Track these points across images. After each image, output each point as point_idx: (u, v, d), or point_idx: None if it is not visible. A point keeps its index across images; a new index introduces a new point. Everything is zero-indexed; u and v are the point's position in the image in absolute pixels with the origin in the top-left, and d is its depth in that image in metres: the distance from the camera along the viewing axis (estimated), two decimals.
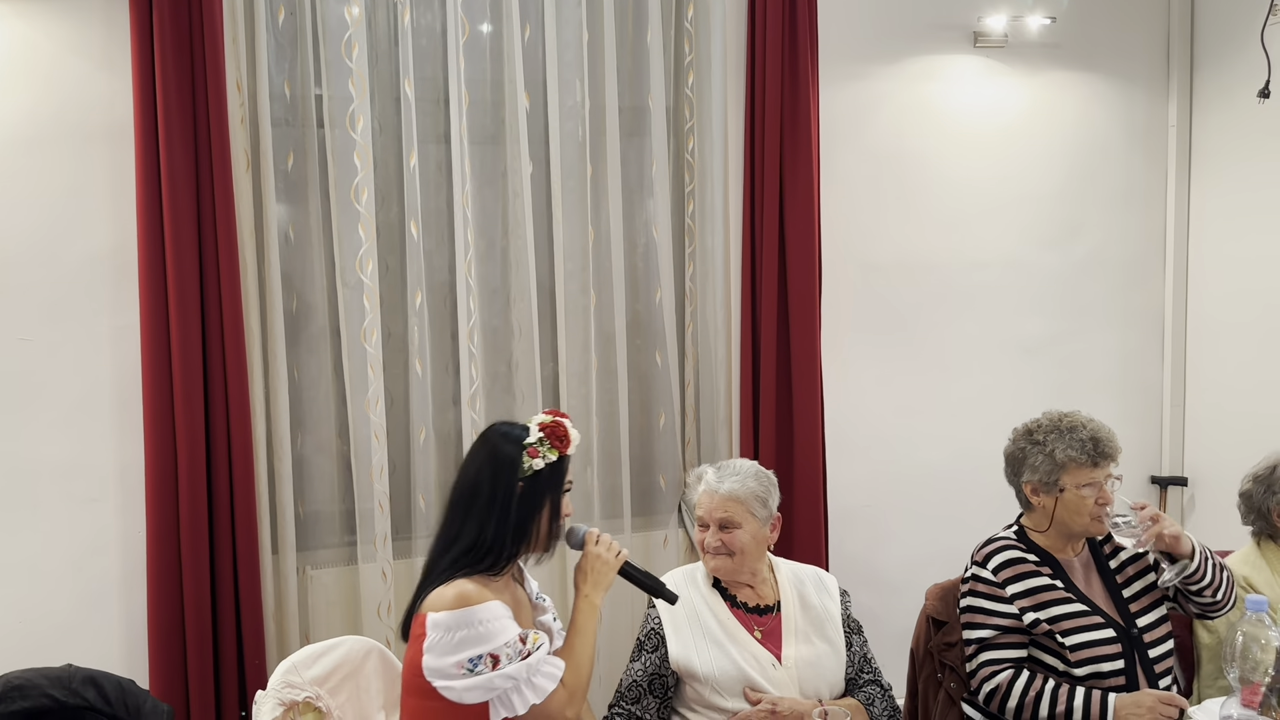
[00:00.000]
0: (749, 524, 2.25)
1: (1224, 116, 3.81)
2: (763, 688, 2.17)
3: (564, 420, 2.01)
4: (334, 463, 3.03)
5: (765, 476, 2.33)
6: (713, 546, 2.25)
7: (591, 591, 2.03)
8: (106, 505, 2.80)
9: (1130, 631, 2.28)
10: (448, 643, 1.83)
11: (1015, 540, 2.40)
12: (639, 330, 3.32)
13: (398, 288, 3.04)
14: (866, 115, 3.59)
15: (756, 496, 2.27)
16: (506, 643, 1.84)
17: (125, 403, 2.79)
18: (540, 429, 1.98)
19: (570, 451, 2.01)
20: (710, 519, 2.26)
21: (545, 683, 1.88)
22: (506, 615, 1.88)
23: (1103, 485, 2.28)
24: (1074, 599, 2.30)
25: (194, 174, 2.69)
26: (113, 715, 1.97)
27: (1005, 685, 2.24)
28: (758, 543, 2.28)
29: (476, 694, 1.83)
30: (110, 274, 2.77)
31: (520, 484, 1.95)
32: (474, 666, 1.82)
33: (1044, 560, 2.35)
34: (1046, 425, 2.36)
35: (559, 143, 3.11)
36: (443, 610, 1.85)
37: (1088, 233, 3.90)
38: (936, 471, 3.74)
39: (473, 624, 1.83)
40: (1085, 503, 2.28)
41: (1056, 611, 2.28)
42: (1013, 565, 2.34)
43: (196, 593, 2.70)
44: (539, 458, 1.96)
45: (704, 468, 2.36)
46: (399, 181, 3.00)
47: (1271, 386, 3.68)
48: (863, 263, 3.61)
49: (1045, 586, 2.31)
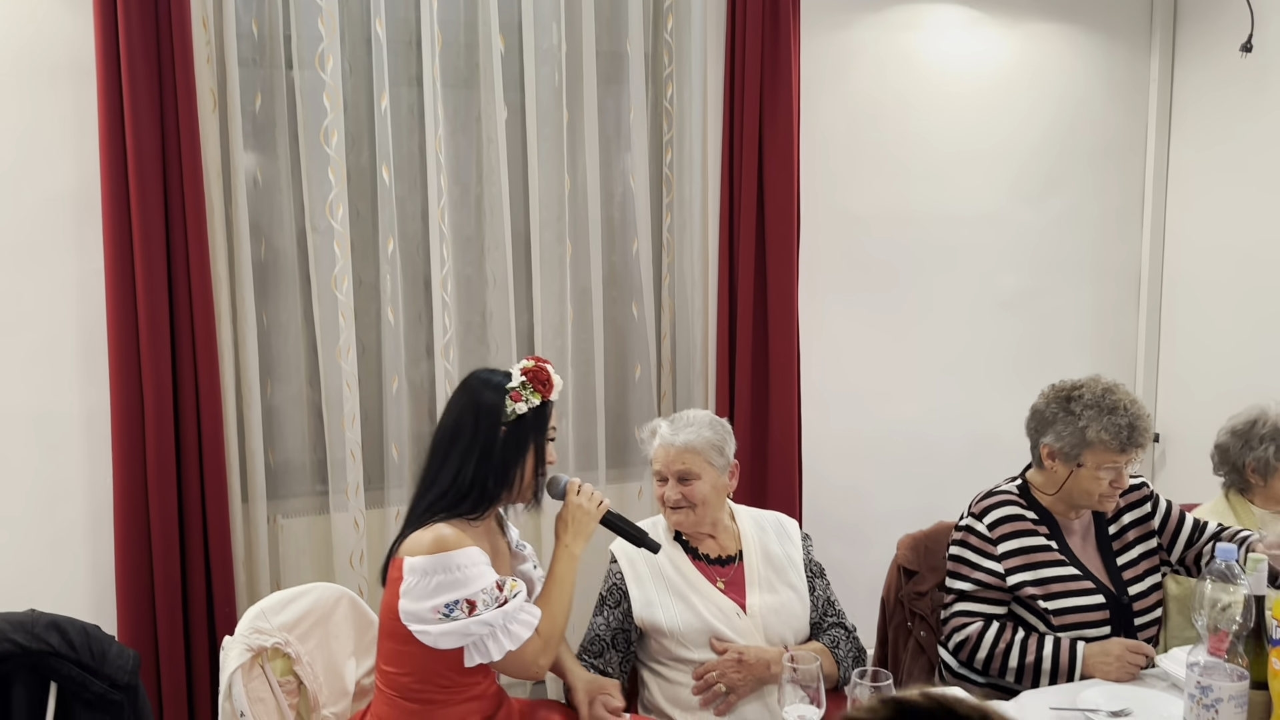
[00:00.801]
0: (708, 474, 2.23)
1: (1206, 70, 3.79)
2: (728, 638, 2.17)
3: (547, 365, 2.00)
4: (305, 411, 2.99)
5: (720, 425, 2.29)
6: (673, 500, 2.23)
7: (572, 541, 2.01)
8: (72, 451, 2.76)
9: (1120, 599, 2.25)
10: (424, 587, 1.82)
11: (1017, 496, 2.34)
12: (615, 281, 3.29)
13: (369, 234, 2.99)
14: (847, 64, 3.55)
15: (713, 445, 2.24)
16: (483, 589, 1.83)
17: (90, 348, 2.74)
18: (523, 373, 1.97)
19: (553, 397, 1.99)
20: (668, 472, 2.23)
21: (521, 630, 1.87)
22: (484, 561, 1.87)
23: (1122, 470, 2.19)
24: (1066, 562, 2.26)
25: (159, 114, 2.62)
26: (77, 660, 1.95)
27: (975, 637, 2.24)
28: (718, 492, 2.26)
29: (451, 639, 1.82)
30: (73, 216, 2.71)
31: (503, 428, 1.94)
32: (450, 612, 1.81)
33: (1042, 519, 2.31)
34: (1088, 398, 2.21)
35: (535, 88, 3.05)
36: (420, 554, 1.84)
37: (1066, 187, 3.89)
38: (910, 425, 3.75)
39: (450, 569, 1.82)
40: (1100, 484, 2.20)
41: (1047, 574, 2.24)
42: (1009, 523, 2.29)
43: (165, 540, 2.68)
44: (522, 401, 1.94)
45: (657, 421, 2.31)
46: (370, 125, 2.94)
47: (1245, 343, 3.70)
48: (840, 215, 3.58)
49: (1039, 548, 2.27)
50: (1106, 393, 2.21)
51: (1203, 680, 1.68)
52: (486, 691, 1.96)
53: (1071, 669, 2.14)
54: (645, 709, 2.26)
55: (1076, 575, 2.25)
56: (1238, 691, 1.67)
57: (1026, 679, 2.17)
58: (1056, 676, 2.14)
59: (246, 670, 2.00)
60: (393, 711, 1.92)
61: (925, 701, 0.81)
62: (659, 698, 2.22)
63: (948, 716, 0.80)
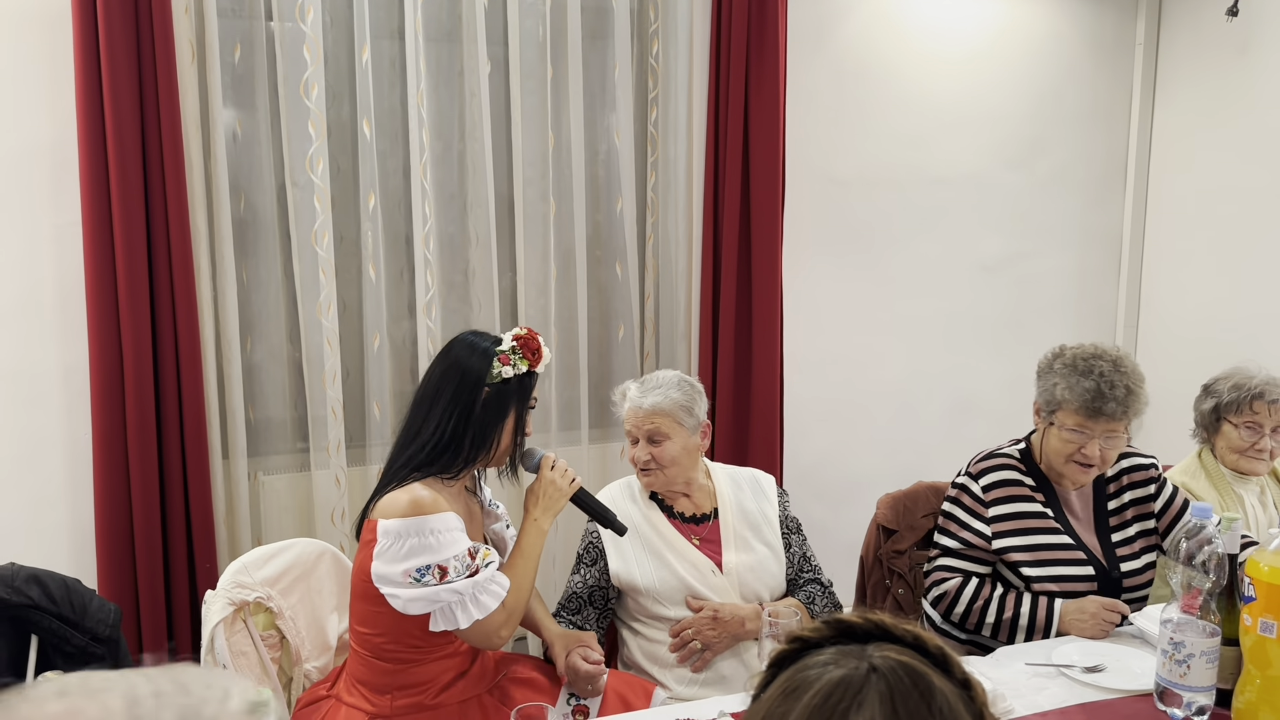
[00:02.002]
0: (678, 434, 2.23)
1: (1192, 35, 3.79)
2: (704, 595, 2.19)
3: (538, 336, 2.00)
4: (285, 368, 2.98)
5: (689, 385, 2.29)
6: (642, 461, 2.24)
7: (541, 516, 2.01)
8: (50, 406, 2.74)
9: (1111, 574, 2.24)
10: (397, 550, 1.82)
11: (1018, 460, 2.33)
12: (599, 241, 3.28)
13: (350, 190, 2.96)
14: (834, 24, 3.52)
15: (682, 406, 2.24)
16: (456, 555, 1.83)
17: (68, 303, 2.71)
18: (515, 339, 1.97)
19: (540, 369, 1.99)
20: (638, 433, 2.24)
21: (489, 600, 1.87)
22: (459, 527, 1.87)
23: (1092, 440, 2.16)
24: (1060, 530, 2.26)
25: (136, 65, 2.57)
26: (58, 614, 1.94)
27: (954, 591, 2.27)
28: (689, 452, 2.26)
29: (420, 605, 1.82)
30: (49, 168, 2.66)
31: (487, 389, 1.93)
32: (421, 577, 1.81)
33: (1040, 487, 2.30)
34: (1069, 358, 2.22)
35: (518, 42, 3.01)
36: (395, 517, 1.83)
37: (1050, 151, 3.89)
38: (891, 387, 3.78)
39: (423, 533, 1.82)
40: (1067, 445, 2.20)
41: (1038, 540, 2.24)
42: (1004, 487, 2.29)
43: (145, 495, 2.67)
44: (509, 365, 1.94)
45: (628, 384, 2.31)
46: (350, 78, 2.90)
47: (1224, 308, 3.73)
48: (825, 176, 3.58)
49: (1033, 514, 2.27)
50: (1092, 358, 2.18)
51: (1175, 636, 1.71)
52: (460, 648, 1.97)
53: (1048, 626, 2.16)
54: (624, 666, 2.28)
55: (1069, 545, 2.24)
56: (1209, 647, 1.70)
57: (1003, 634, 2.20)
58: (1033, 633, 2.17)
59: (229, 624, 2.01)
60: (367, 671, 1.93)
61: (863, 621, 0.88)
62: (638, 655, 2.24)
63: (883, 634, 0.87)
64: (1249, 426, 2.58)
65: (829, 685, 0.82)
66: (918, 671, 0.82)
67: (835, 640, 0.88)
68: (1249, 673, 1.67)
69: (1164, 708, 1.75)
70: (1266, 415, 2.57)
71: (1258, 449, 2.57)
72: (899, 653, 0.84)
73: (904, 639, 0.86)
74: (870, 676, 0.82)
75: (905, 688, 0.81)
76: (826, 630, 0.89)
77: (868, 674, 0.82)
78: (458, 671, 1.97)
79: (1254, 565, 1.64)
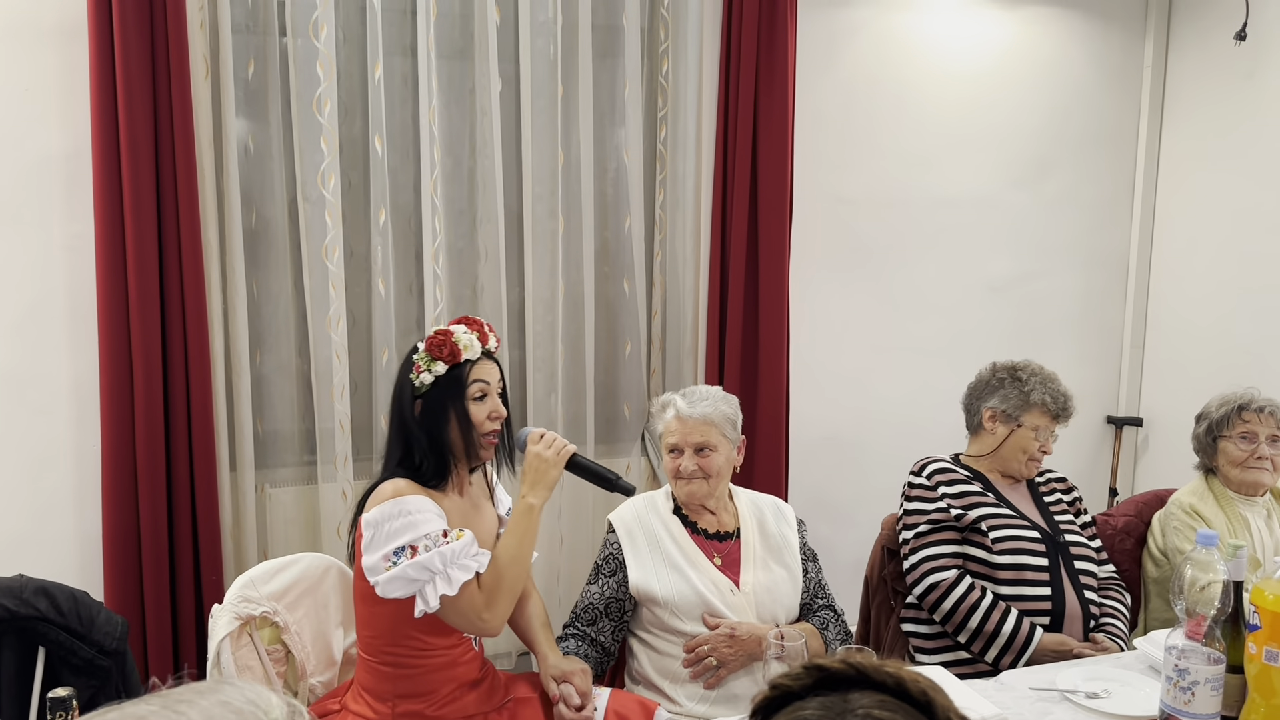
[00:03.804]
0: (723, 447, 2.27)
1: (1200, 58, 3.80)
2: (721, 613, 2.19)
3: (455, 327, 1.96)
4: (294, 382, 2.99)
5: (732, 400, 2.36)
6: (689, 471, 2.25)
7: (529, 491, 1.98)
8: (60, 416, 2.75)
9: (1056, 539, 2.43)
10: (379, 538, 1.84)
11: (949, 462, 2.56)
12: (607, 257, 3.29)
13: (360, 205, 2.98)
14: (843, 44, 3.54)
15: (728, 419, 2.29)
16: (427, 534, 1.83)
17: (79, 313, 2.72)
18: (424, 343, 1.96)
19: (468, 356, 1.95)
20: (686, 444, 2.26)
21: (459, 574, 1.84)
22: (434, 510, 1.88)
23: (1050, 437, 2.51)
24: (1001, 505, 2.46)
25: (151, 79, 2.60)
26: (65, 626, 1.95)
27: (946, 587, 2.35)
28: (729, 465, 2.31)
29: (397, 585, 1.82)
30: (63, 179, 2.69)
31: (418, 401, 1.95)
32: (397, 558, 1.82)
33: (975, 477, 2.52)
34: (1032, 370, 2.55)
35: (529, 60, 3.03)
36: (374, 507, 1.86)
37: (1058, 173, 3.89)
38: (897, 407, 3.78)
39: (399, 515, 1.84)
40: (1032, 444, 2.49)
41: (984, 511, 2.43)
42: (945, 473, 2.52)
43: (153, 507, 2.68)
44: (425, 372, 1.94)
45: (669, 395, 2.35)
46: (363, 94, 2.92)
47: (1229, 330, 3.73)
48: (832, 196, 3.59)
49: (974, 492, 2.47)
50: (1048, 374, 2.56)
51: (1180, 663, 1.71)
52: (462, 657, 1.96)
53: (1024, 649, 2.26)
54: (633, 679, 2.28)
55: (1013, 514, 2.44)
56: (1214, 674, 1.70)
57: (977, 645, 2.31)
58: (1006, 653, 2.27)
59: (234, 638, 2.01)
60: (372, 678, 1.94)
61: (843, 667, 0.87)
62: (648, 668, 2.24)
63: (863, 681, 0.86)
64: (1244, 436, 2.58)
65: None
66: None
67: (816, 689, 0.87)
68: (1253, 700, 1.67)
69: None
70: (1258, 423, 2.58)
71: (1258, 457, 2.56)
72: (879, 705, 0.83)
73: (885, 684, 0.85)
74: None
75: None
76: (807, 678, 0.87)
77: None
78: (461, 683, 1.96)
79: (1259, 593, 1.64)
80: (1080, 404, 4.06)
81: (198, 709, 0.71)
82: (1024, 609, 2.32)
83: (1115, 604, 2.44)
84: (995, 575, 2.36)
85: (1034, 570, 2.36)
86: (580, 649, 2.21)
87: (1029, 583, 2.35)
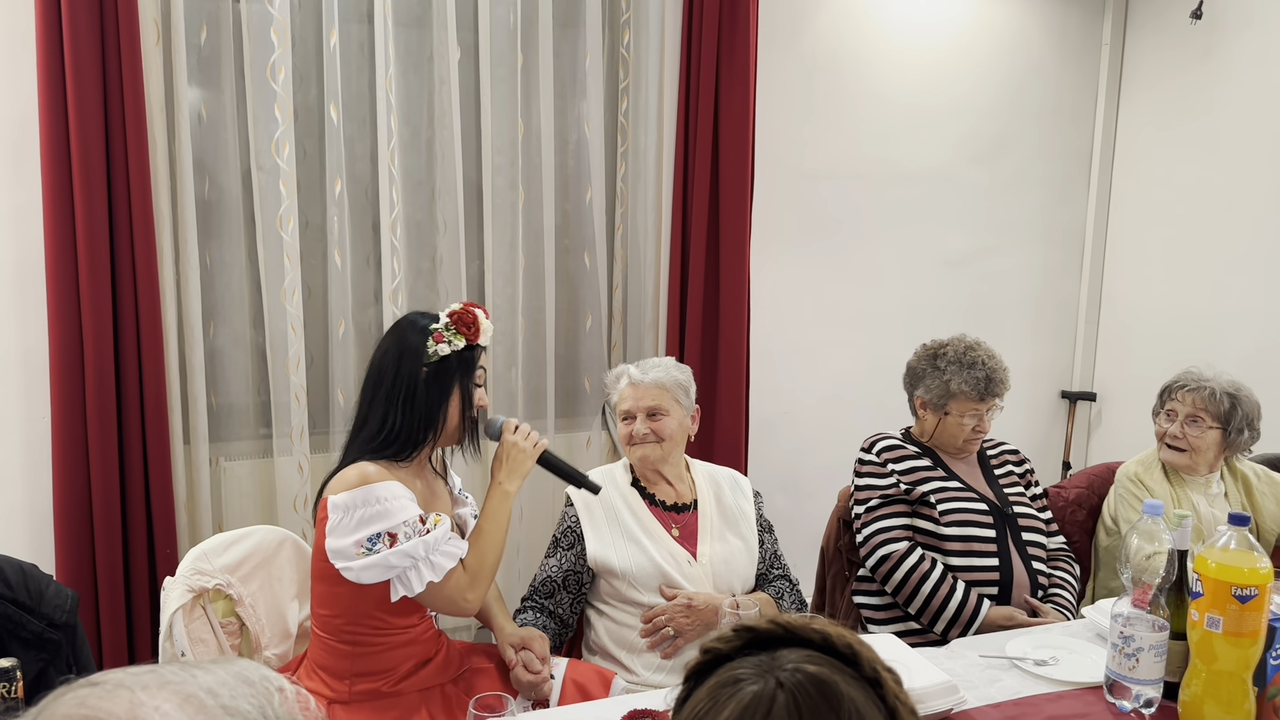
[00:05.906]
0: (675, 412, 2.32)
1: (1157, 37, 3.84)
2: (679, 584, 2.21)
3: (477, 310, 1.99)
4: (248, 354, 2.95)
5: (685, 369, 2.40)
6: (641, 435, 2.29)
7: (506, 479, 2.01)
8: (9, 387, 2.70)
9: (1005, 511, 2.46)
10: (348, 523, 1.82)
11: (900, 439, 2.57)
12: (568, 230, 3.27)
13: (316, 174, 2.94)
14: (805, 19, 3.53)
15: (680, 385, 2.34)
16: (405, 521, 1.83)
17: (27, 283, 2.67)
18: (449, 315, 1.96)
19: (482, 341, 1.98)
20: (638, 409, 2.30)
21: (444, 561, 1.87)
22: (406, 495, 1.87)
23: (984, 416, 2.49)
24: (950, 478, 2.48)
25: (99, 43, 2.53)
26: (14, 599, 1.91)
27: (897, 558, 2.38)
28: (683, 431, 2.34)
29: (374, 573, 1.82)
30: (9, 146, 2.62)
31: (425, 369, 1.93)
32: (372, 545, 1.81)
33: (925, 453, 2.53)
34: (951, 354, 2.50)
35: (489, 28, 2.99)
36: (343, 492, 1.84)
37: (1016, 149, 3.93)
38: (855, 381, 3.80)
39: (371, 502, 1.83)
40: (964, 429, 2.48)
41: (933, 486, 2.45)
42: (894, 450, 2.53)
43: (104, 480, 2.64)
44: (444, 343, 1.93)
45: (622, 366, 2.39)
46: (318, 61, 2.87)
47: (1182, 306, 3.79)
48: (793, 170, 3.59)
49: (923, 468, 2.49)
50: (968, 350, 2.50)
51: (1125, 630, 1.75)
52: (422, 635, 1.97)
53: (971, 622, 2.30)
54: (590, 650, 2.29)
55: (962, 487, 2.47)
56: (1157, 641, 1.73)
57: (926, 617, 2.34)
58: (954, 625, 2.31)
59: (188, 611, 2.00)
60: (327, 655, 1.93)
61: (772, 627, 0.90)
62: (605, 639, 2.25)
63: (791, 639, 0.89)
64: (1167, 414, 2.63)
65: (739, 708, 0.83)
66: (824, 681, 0.84)
67: (745, 649, 0.90)
68: (1195, 666, 1.70)
69: (1113, 700, 1.79)
70: (1178, 401, 2.61)
71: (1172, 436, 2.61)
72: (807, 659, 0.86)
73: (812, 640, 0.88)
74: (778, 694, 0.83)
75: (813, 701, 0.83)
76: (737, 640, 0.90)
77: (775, 692, 0.84)
78: (419, 660, 1.96)
79: (1202, 561, 1.67)
80: (1035, 378, 4.14)
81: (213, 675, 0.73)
82: (972, 580, 2.36)
83: (1064, 575, 2.48)
84: (943, 547, 2.39)
85: (981, 541, 2.40)
86: (539, 621, 2.22)
87: (977, 554, 2.39)
